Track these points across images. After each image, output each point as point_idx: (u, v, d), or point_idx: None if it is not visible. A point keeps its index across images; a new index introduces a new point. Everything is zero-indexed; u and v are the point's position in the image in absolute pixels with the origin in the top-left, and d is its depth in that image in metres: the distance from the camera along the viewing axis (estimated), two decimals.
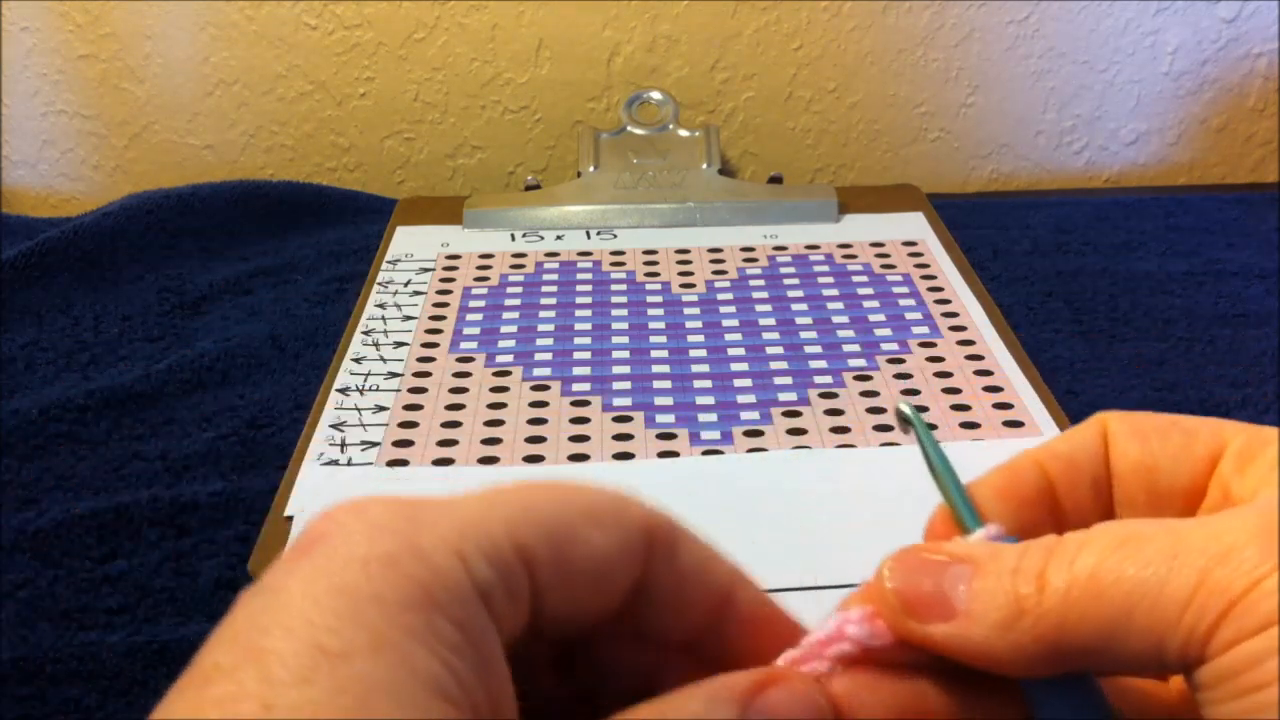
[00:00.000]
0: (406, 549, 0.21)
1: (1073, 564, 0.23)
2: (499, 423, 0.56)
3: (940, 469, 0.26)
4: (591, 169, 0.80)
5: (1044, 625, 0.23)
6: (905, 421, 0.27)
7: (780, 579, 0.45)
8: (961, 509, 0.26)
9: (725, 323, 0.65)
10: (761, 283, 0.69)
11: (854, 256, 0.72)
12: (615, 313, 0.66)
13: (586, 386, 0.59)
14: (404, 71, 0.87)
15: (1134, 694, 0.27)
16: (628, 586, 0.24)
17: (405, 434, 0.55)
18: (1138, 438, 0.27)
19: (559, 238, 0.75)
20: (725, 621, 0.26)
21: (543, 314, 0.66)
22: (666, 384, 0.59)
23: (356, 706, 0.18)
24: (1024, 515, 0.27)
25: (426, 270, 0.71)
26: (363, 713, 0.18)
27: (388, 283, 0.70)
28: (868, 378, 0.59)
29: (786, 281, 0.69)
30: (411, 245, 0.75)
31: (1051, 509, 0.27)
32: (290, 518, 0.49)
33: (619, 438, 0.55)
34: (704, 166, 0.79)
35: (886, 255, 0.72)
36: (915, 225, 0.76)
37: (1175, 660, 0.22)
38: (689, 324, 0.65)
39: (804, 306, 0.66)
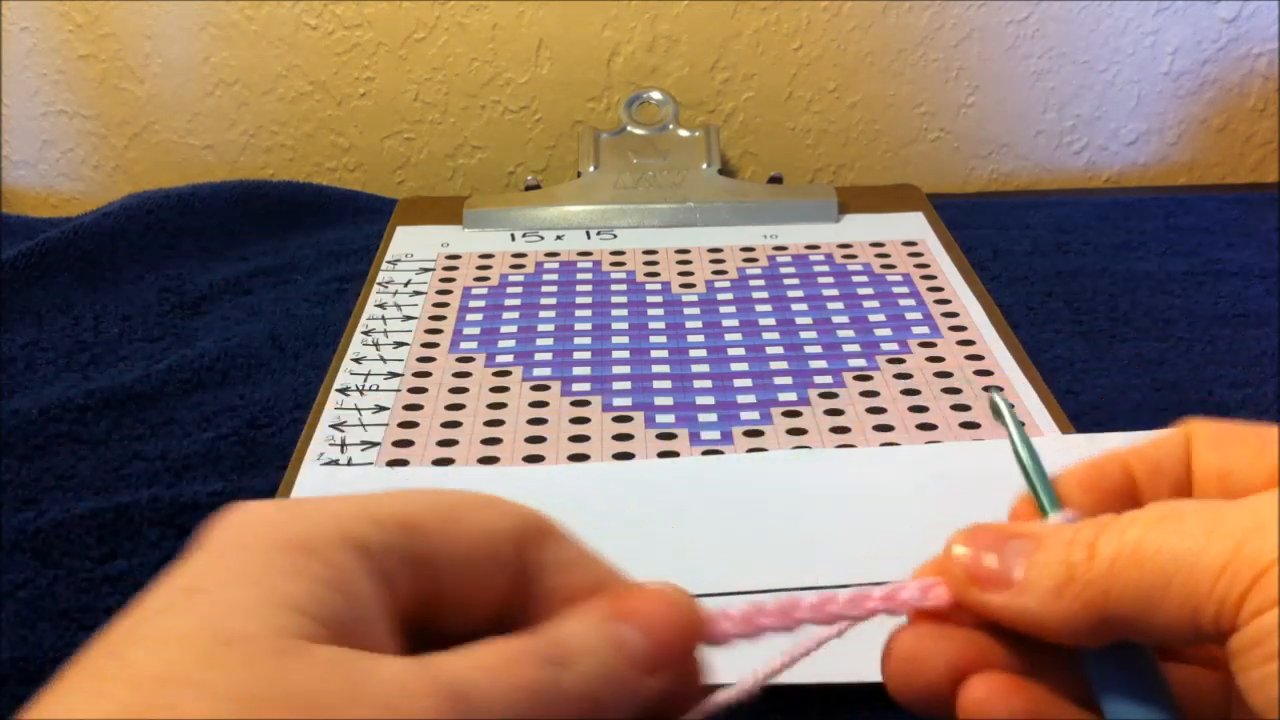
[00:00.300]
0: (286, 515, 0.23)
1: (1121, 535, 0.24)
2: (499, 423, 0.56)
3: (1026, 457, 0.28)
4: (591, 169, 0.80)
5: (1091, 591, 0.24)
6: (995, 413, 0.29)
7: (780, 579, 0.45)
8: (1042, 493, 0.27)
9: (725, 323, 0.65)
10: (761, 283, 0.69)
11: (854, 256, 0.72)
12: (615, 313, 0.66)
13: (586, 386, 0.59)
14: (404, 71, 0.87)
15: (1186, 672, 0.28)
16: (513, 568, 0.25)
17: (405, 434, 0.55)
18: (1217, 445, 0.28)
19: (559, 238, 0.75)
20: None
21: (543, 314, 0.66)
22: (666, 384, 0.59)
23: (205, 624, 0.20)
24: (1104, 507, 0.28)
25: (426, 270, 0.71)
26: (211, 628, 0.20)
27: (388, 283, 0.70)
28: (868, 378, 0.59)
29: (786, 281, 0.69)
30: (411, 245, 0.75)
31: (1132, 505, 0.28)
32: None
33: (619, 438, 0.55)
34: (704, 166, 0.79)
35: (886, 255, 0.72)
36: (915, 225, 0.76)
37: (1210, 627, 0.23)
38: (689, 324, 0.65)
39: (804, 306, 0.66)
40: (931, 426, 0.55)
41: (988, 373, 0.59)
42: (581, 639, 0.24)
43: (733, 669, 0.26)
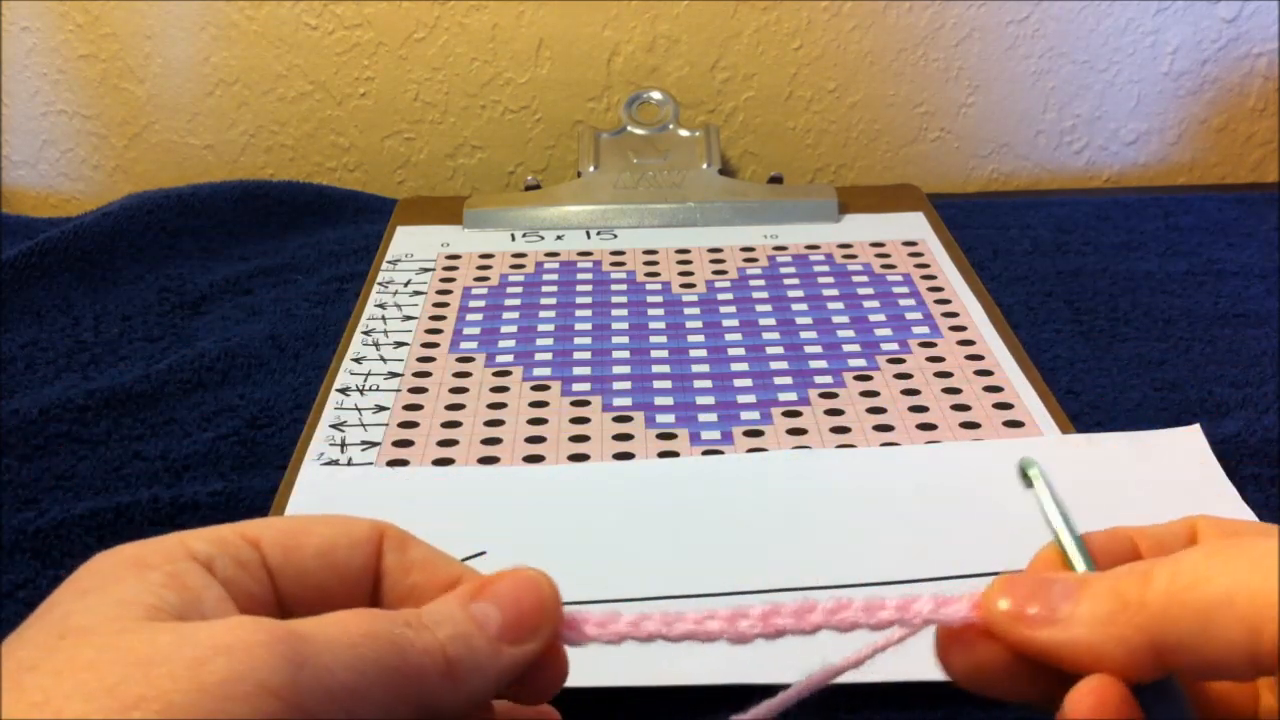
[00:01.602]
0: (134, 546, 0.25)
1: (1178, 561, 0.25)
2: (499, 423, 0.56)
3: (1060, 520, 0.28)
4: (591, 169, 0.80)
5: (1145, 616, 0.24)
6: (1024, 477, 0.29)
7: (781, 579, 0.45)
8: (1077, 552, 0.28)
9: (725, 323, 0.65)
10: (761, 283, 0.69)
11: (854, 256, 0.72)
12: (615, 313, 0.66)
13: (586, 386, 0.59)
14: (404, 71, 0.87)
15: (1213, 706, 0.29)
16: (362, 573, 0.27)
17: (405, 434, 0.55)
18: (1223, 536, 0.29)
19: (559, 238, 0.75)
20: None
21: (543, 314, 0.66)
22: (666, 384, 0.59)
23: (49, 627, 0.23)
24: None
25: (426, 270, 0.71)
26: (54, 629, 0.23)
27: (388, 283, 0.70)
28: (868, 378, 0.59)
29: (786, 281, 0.69)
30: (411, 245, 0.75)
31: None
32: None
33: (619, 438, 0.55)
34: (704, 166, 0.79)
35: (886, 255, 0.72)
36: (915, 225, 0.76)
37: (1268, 650, 0.23)
38: (689, 324, 0.65)
39: (804, 306, 0.66)
40: (931, 426, 0.55)
41: (988, 373, 0.59)
42: (439, 611, 0.26)
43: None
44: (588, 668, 0.41)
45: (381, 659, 0.23)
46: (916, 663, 0.28)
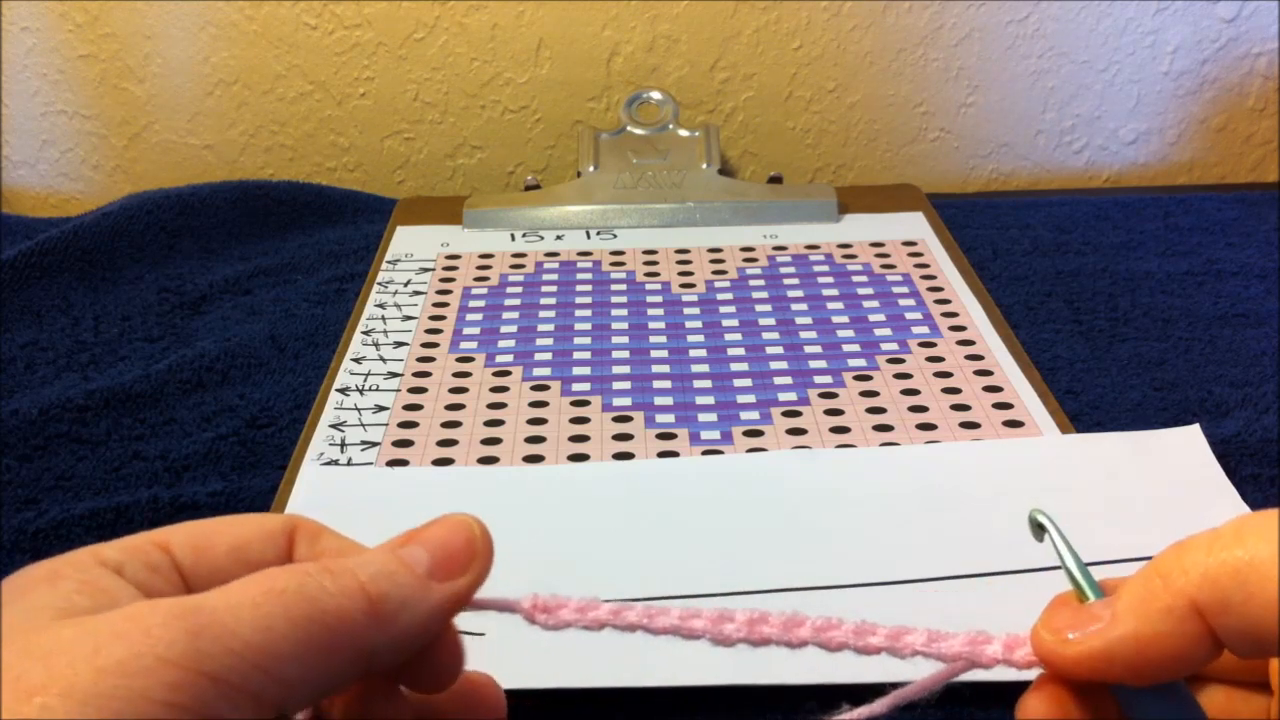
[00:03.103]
0: (46, 562, 0.26)
1: (1216, 529, 0.25)
2: (499, 423, 0.56)
3: (1074, 565, 0.28)
4: (591, 169, 0.80)
5: (1186, 579, 0.24)
6: (1039, 528, 0.29)
7: (782, 579, 0.45)
8: (1089, 589, 0.28)
9: (725, 323, 0.65)
10: (761, 283, 0.69)
11: (854, 256, 0.72)
12: (615, 313, 0.66)
13: (586, 386, 0.59)
14: (404, 71, 0.87)
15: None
16: (276, 564, 0.27)
17: (405, 434, 0.55)
18: None
19: (559, 238, 0.75)
20: None
21: (543, 314, 0.66)
22: (666, 384, 0.59)
23: None
24: None
25: (426, 270, 0.71)
26: None
27: (388, 283, 0.70)
28: (868, 378, 0.59)
29: (786, 281, 0.69)
30: (411, 245, 0.75)
31: None
32: None
33: (619, 438, 0.55)
34: (704, 166, 0.79)
35: (886, 255, 0.72)
36: (915, 225, 0.76)
37: None
38: (689, 324, 0.65)
39: (804, 306, 0.66)
40: (931, 426, 0.55)
41: (988, 372, 0.59)
42: (363, 556, 0.26)
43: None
44: (581, 668, 0.41)
45: (289, 612, 0.23)
46: (916, 664, 0.28)
